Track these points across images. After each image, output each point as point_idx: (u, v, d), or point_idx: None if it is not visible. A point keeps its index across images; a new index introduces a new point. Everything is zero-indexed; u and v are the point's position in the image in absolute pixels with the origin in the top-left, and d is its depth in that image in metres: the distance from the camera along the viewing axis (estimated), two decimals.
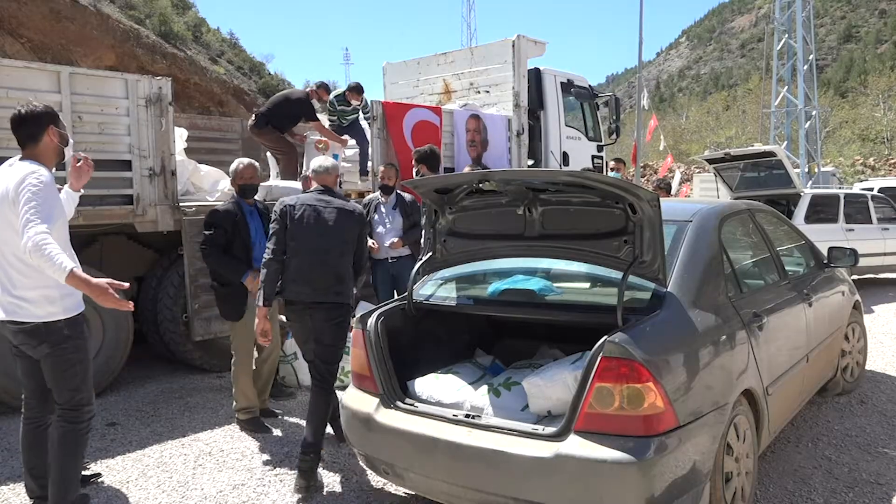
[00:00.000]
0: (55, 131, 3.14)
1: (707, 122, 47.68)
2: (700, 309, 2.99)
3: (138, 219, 5.39)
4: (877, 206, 10.79)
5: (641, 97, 15.86)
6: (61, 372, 3.10)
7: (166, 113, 5.44)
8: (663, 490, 2.52)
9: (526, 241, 3.27)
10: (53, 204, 2.96)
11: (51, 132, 3.12)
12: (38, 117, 3.09)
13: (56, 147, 3.17)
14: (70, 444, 3.16)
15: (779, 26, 27.20)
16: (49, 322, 3.01)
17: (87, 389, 3.19)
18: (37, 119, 3.09)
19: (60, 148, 3.20)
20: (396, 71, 10.07)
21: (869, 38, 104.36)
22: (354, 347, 3.35)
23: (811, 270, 4.69)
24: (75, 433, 3.17)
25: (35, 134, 3.09)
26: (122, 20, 16.36)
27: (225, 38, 23.98)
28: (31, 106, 3.11)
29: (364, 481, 3.80)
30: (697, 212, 3.50)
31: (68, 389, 3.13)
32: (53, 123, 3.14)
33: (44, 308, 2.98)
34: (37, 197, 2.86)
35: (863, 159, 35.95)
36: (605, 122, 10.43)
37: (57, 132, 3.15)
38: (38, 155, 3.10)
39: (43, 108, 3.14)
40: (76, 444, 3.19)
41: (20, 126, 3.10)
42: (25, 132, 3.10)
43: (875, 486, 3.63)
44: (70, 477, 3.18)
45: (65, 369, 3.10)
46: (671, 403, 2.57)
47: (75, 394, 3.14)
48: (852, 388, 5.18)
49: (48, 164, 3.12)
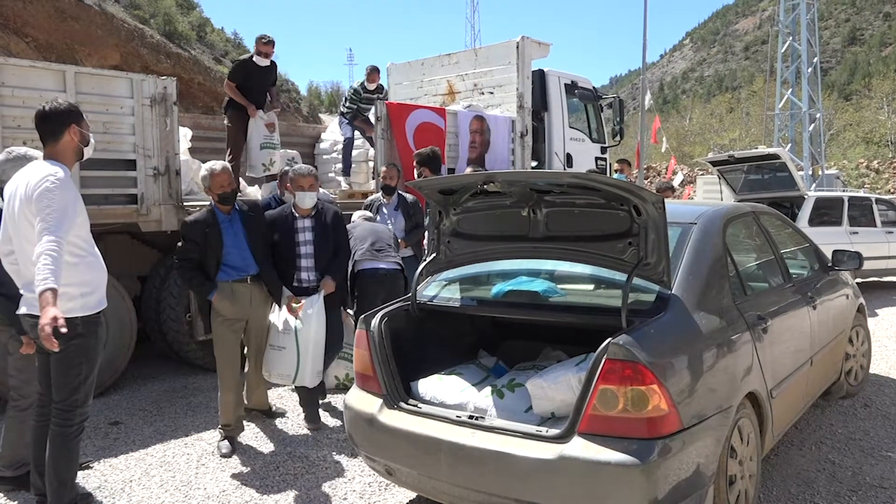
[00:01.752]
0: (76, 130, 3.14)
1: (711, 124, 47.61)
2: (704, 311, 2.98)
3: (142, 218, 5.40)
4: (881, 209, 10.77)
5: (645, 99, 15.86)
6: (66, 368, 3.11)
7: (171, 112, 5.45)
8: (667, 493, 2.52)
9: (530, 242, 3.27)
10: (67, 205, 2.96)
11: (72, 131, 3.12)
12: (60, 114, 3.10)
13: (76, 146, 3.17)
14: (60, 445, 3.15)
15: (783, 29, 27.19)
16: (66, 318, 3.00)
17: (86, 391, 3.19)
18: (59, 116, 3.10)
19: (80, 147, 3.20)
20: (401, 72, 10.07)
21: (873, 40, 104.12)
22: (358, 348, 3.35)
23: (815, 273, 4.67)
24: (64, 436, 3.16)
25: (56, 131, 3.10)
26: (127, 20, 16.39)
27: (229, 37, 23.98)
28: (55, 103, 3.12)
29: (367, 482, 3.80)
30: (702, 214, 3.49)
31: (67, 387, 3.13)
32: (76, 122, 3.15)
33: (62, 304, 2.97)
34: (52, 202, 2.88)
35: (867, 162, 35.90)
36: (608, 123, 10.43)
37: (78, 131, 3.15)
38: (58, 153, 3.11)
39: (67, 106, 3.15)
40: (66, 447, 3.17)
41: (43, 122, 3.11)
42: (47, 128, 3.11)
43: (879, 490, 3.62)
44: (63, 479, 3.17)
45: (70, 366, 3.10)
46: (675, 406, 2.56)
47: (72, 393, 3.14)
48: (856, 391, 5.17)
49: (67, 163, 3.12)
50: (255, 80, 7.05)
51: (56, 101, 3.14)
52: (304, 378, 4.45)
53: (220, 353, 4.37)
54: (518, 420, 2.91)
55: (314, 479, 3.86)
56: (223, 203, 4.33)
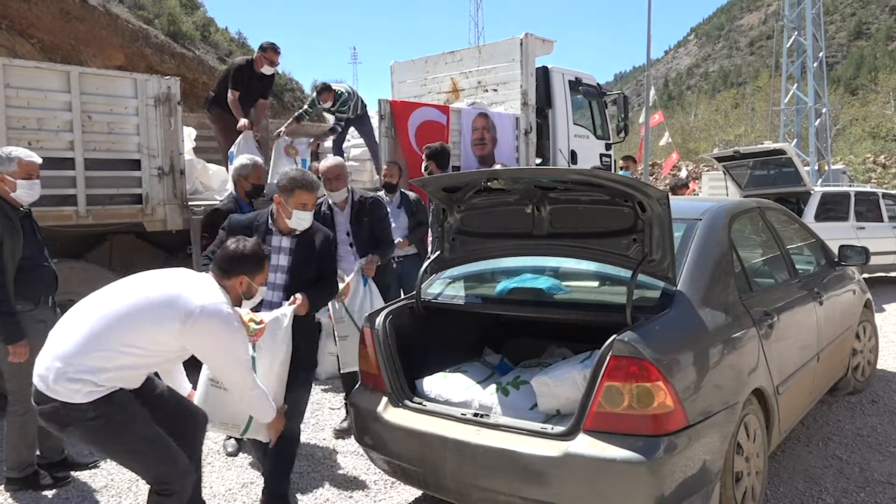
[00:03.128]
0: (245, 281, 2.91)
1: (716, 120, 47.41)
2: (710, 307, 2.97)
3: (147, 218, 5.41)
4: (888, 203, 10.72)
5: (649, 95, 15.81)
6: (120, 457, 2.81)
7: (175, 112, 5.45)
8: (673, 490, 2.51)
9: (534, 239, 3.26)
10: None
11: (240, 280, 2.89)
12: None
13: (238, 296, 2.93)
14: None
15: (788, 23, 27.04)
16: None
17: (155, 458, 2.72)
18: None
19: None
20: (404, 70, 10.07)
21: (879, 34, 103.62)
22: (363, 346, 3.36)
23: (822, 269, 4.65)
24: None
25: (228, 271, 2.87)
26: (131, 20, 16.42)
27: (233, 37, 23.98)
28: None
29: (373, 480, 3.80)
30: (707, 210, 3.48)
31: (139, 469, 2.79)
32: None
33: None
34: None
35: (873, 157, 35.71)
36: (613, 120, 10.39)
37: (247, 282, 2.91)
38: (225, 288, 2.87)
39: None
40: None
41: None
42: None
43: (887, 486, 3.61)
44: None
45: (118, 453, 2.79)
46: (681, 402, 2.55)
47: (146, 470, 2.76)
48: (863, 387, 5.15)
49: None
50: (253, 88, 6.68)
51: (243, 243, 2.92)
52: (258, 428, 3.08)
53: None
54: (523, 417, 2.90)
55: (319, 478, 3.86)
56: (254, 196, 4.48)
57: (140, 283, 2.78)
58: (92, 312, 2.66)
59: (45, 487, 3.73)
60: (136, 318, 2.62)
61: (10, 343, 3.47)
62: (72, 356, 2.56)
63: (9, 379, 3.65)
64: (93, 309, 2.68)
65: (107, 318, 2.61)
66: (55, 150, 4.88)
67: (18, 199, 3.63)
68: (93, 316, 2.64)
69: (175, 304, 2.63)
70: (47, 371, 2.56)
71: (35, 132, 4.81)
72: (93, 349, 2.57)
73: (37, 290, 3.68)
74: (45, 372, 2.57)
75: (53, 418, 2.60)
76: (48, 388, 2.55)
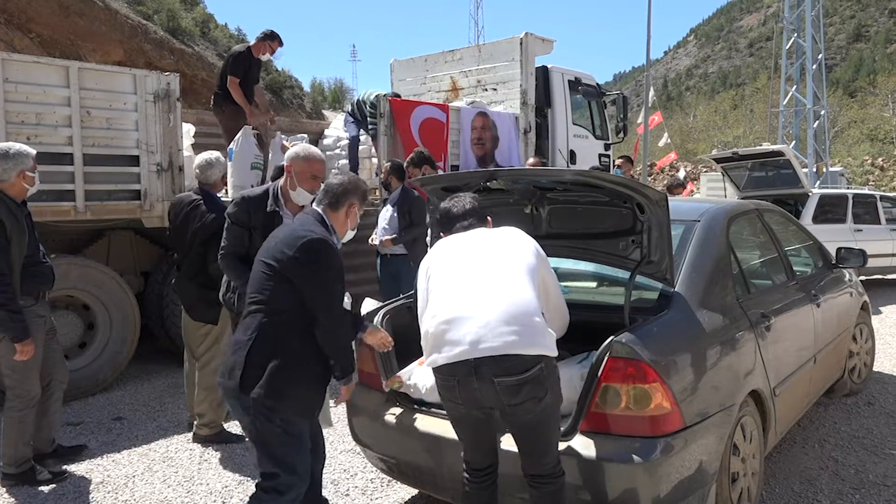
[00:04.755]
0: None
1: (715, 121, 47.47)
2: (707, 309, 2.98)
3: (146, 214, 5.41)
4: (885, 206, 10.75)
5: (648, 95, 15.80)
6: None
7: (174, 108, 5.45)
8: (669, 490, 2.52)
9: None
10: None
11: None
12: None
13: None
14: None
15: (788, 25, 27.09)
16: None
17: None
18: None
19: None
20: (404, 68, 10.06)
21: (878, 37, 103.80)
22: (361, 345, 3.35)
23: (819, 271, 4.66)
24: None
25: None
26: (131, 15, 16.37)
27: (233, 34, 23.92)
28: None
29: (369, 478, 3.80)
30: (705, 212, 3.48)
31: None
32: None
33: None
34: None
35: (871, 159, 35.78)
36: (612, 120, 10.39)
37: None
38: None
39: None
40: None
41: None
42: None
43: (882, 488, 3.62)
44: None
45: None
46: (678, 404, 2.56)
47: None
48: (859, 389, 5.16)
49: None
50: (251, 75, 6.69)
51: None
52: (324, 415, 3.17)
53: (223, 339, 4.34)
54: None
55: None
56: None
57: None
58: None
59: (42, 483, 3.73)
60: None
61: (18, 341, 3.47)
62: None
63: (8, 375, 3.65)
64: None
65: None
66: (54, 146, 4.87)
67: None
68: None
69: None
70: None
71: (34, 127, 4.80)
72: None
73: (37, 285, 3.68)
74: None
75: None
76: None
